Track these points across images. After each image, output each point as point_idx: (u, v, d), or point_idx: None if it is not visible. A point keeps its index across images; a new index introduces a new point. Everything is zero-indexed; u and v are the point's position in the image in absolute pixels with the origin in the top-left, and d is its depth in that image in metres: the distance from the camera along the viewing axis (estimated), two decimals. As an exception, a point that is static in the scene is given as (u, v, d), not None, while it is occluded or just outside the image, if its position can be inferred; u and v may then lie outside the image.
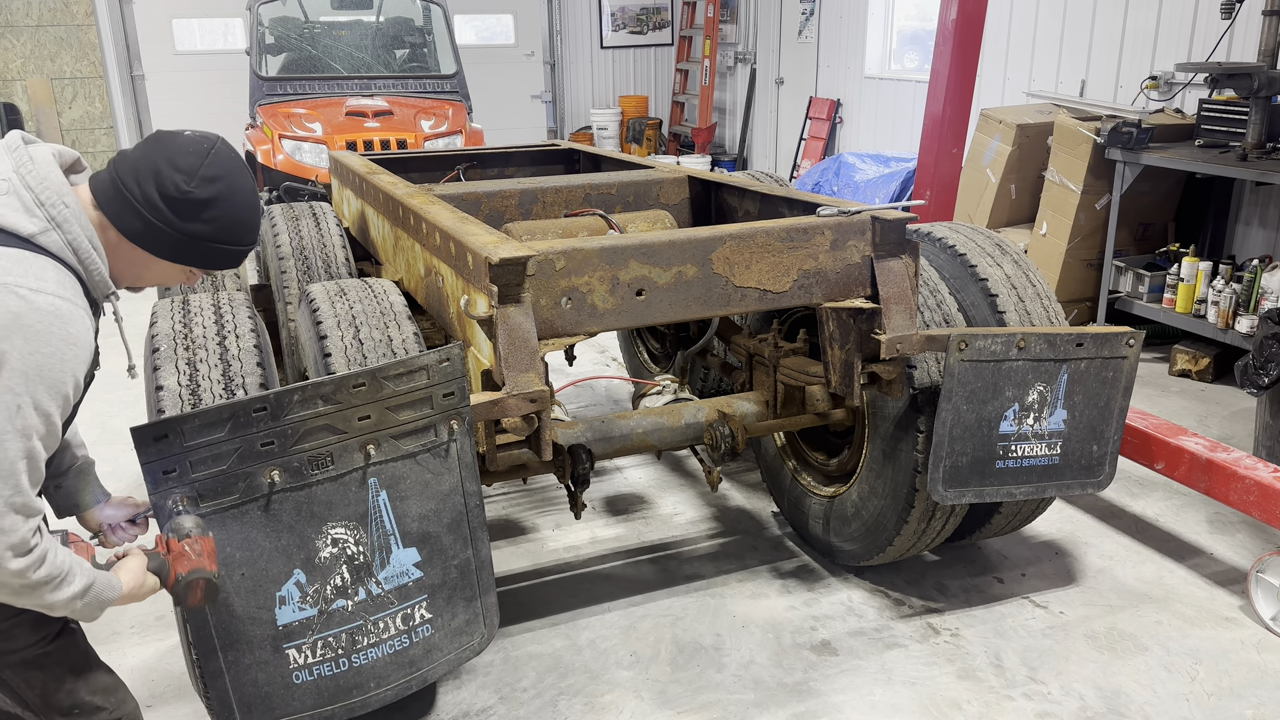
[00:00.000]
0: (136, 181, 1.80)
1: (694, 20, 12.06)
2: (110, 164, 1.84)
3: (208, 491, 2.20)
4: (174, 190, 1.81)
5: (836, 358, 2.95)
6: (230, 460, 2.20)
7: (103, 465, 4.59)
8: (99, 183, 1.83)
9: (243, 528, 2.25)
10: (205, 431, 2.16)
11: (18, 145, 1.79)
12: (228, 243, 1.91)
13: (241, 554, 2.27)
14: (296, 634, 2.36)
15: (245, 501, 2.24)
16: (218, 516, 2.22)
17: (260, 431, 2.20)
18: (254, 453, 2.22)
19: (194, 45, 10.62)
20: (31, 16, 10.13)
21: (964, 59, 5.38)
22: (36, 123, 10.30)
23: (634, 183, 3.85)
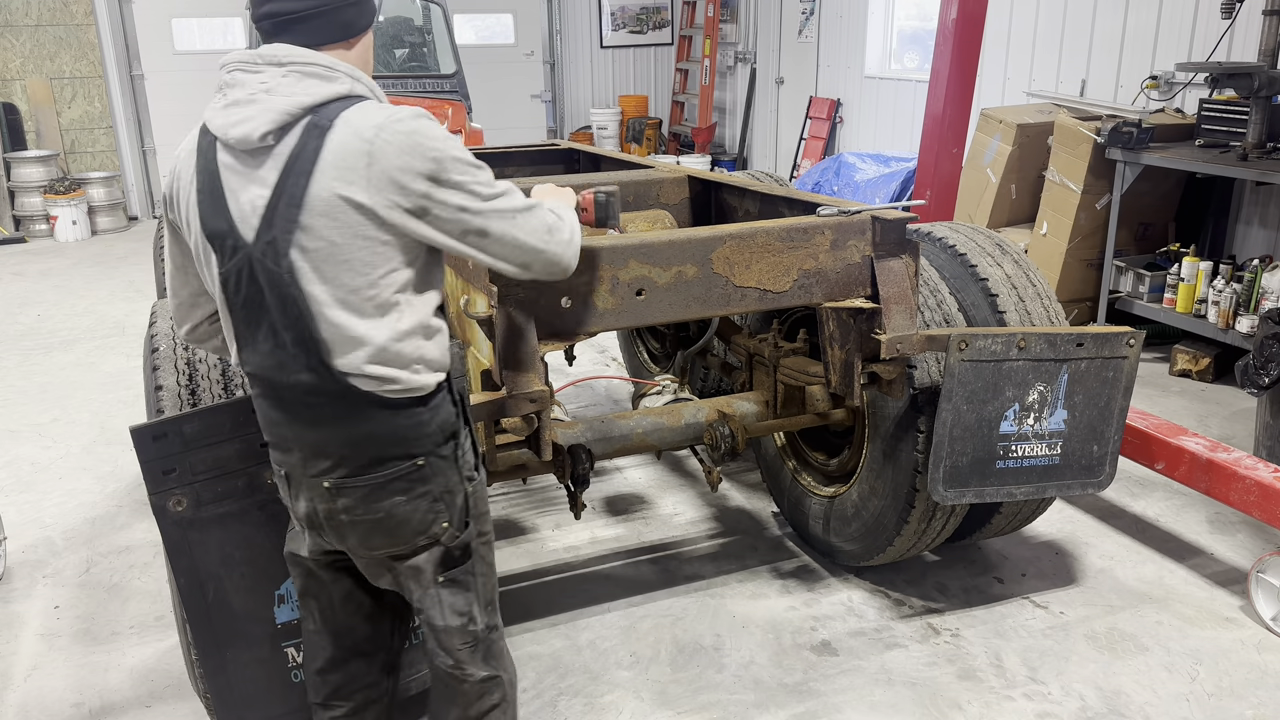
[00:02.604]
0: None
1: (694, 20, 12.06)
2: (265, 23, 1.89)
3: (208, 491, 2.20)
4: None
5: (836, 358, 2.95)
6: (230, 460, 2.20)
7: (102, 465, 4.63)
8: (299, 35, 1.88)
9: (243, 527, 2.25)
10: (205, 432, 2.16)
11: (256, 54, 1.87)
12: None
13: (241, 553, 2.27)
14: (295, 632, 2.36)
15: (245, 501, 2.24)
16: (217, 516, 2.22)
17: (260, 431, 2.20)
18: (253, 452, 2.22)
19: (193, 45, 10.61)
20: (31, 16, 10.12)
21: (964, 59, 5.38)
22: (36, 122, 10.30)
23: (634, 182, 3.84)
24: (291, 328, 1.84)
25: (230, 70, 1.87)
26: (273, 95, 1.81)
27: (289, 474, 1.98)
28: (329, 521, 1.97)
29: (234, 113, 1.83)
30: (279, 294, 1.83)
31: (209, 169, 1.86)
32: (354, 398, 1.88)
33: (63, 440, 4.94)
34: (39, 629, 3.37)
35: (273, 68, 1.83)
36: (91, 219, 9.96)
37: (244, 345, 1.92)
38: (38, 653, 3.24)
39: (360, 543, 1.99)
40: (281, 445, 1.97)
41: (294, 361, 1.86)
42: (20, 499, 4.31)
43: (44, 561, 3.80)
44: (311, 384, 1.87)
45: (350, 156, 1.78)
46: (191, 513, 2.18)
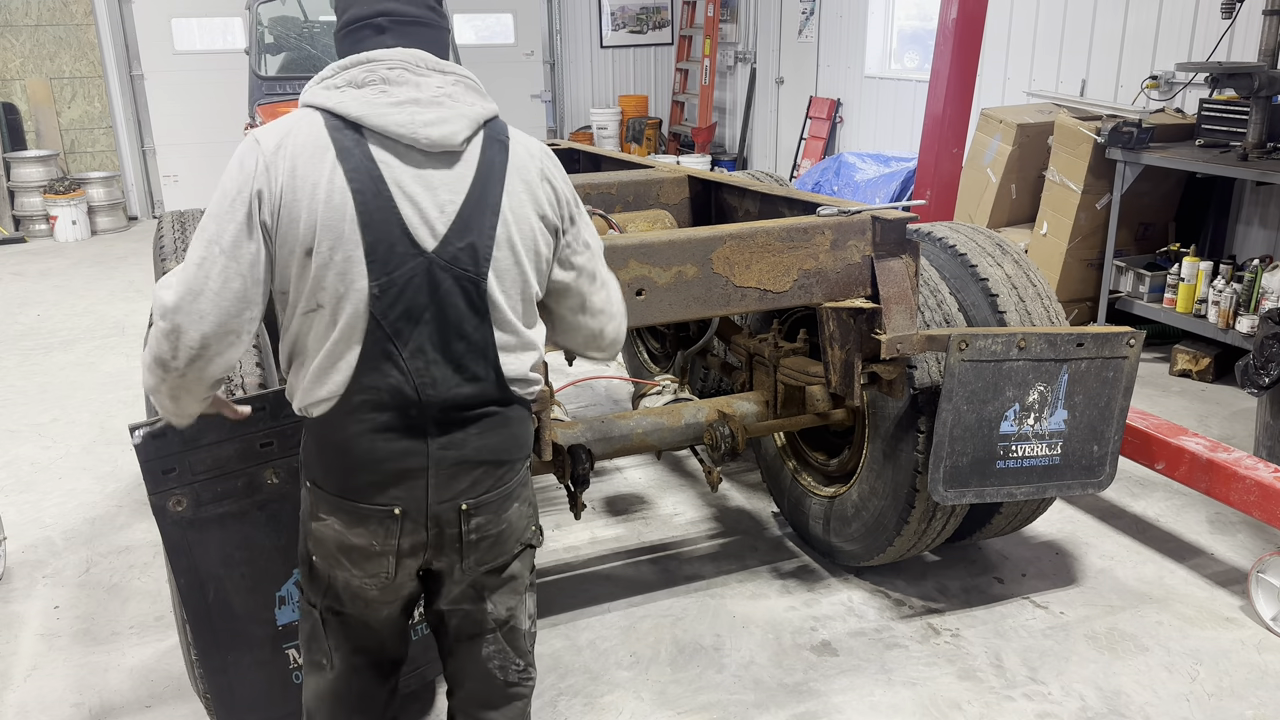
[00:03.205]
0: (429, 7, 1.89)
1: (694, 20, 12.05)
2: (385, 23, 1.83)
3: (207, 491, 2.20)
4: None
5: (837, 358, 2.94)
6: (230, 460, 2.20)
7: (102, 465, 4.62)
8: (416, 40, 1.84)
9: (242, 527, 2.25)
10: (204, 431, 2.16)
11: (414, 56, 1.81)
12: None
13: (241, 554, 2.26)
14: (296, 634, 2.36)
15: (245, 501, 2.24)
16: (217, 516, 2.22)
17: (259, 431, 2.20)
18: (253, 452, 2.21)
19: (193, 45, 10.61)
20: (30, 16, 10.12)
21: (964, 58, 5.37)
22: (35, 122, 10.30)
23: (634, 182, 3.84)
24: (466, 337, 1.79)
25: (391, 67, 1.77)
26: (457, 102, 1.78)
27: (405, 510, 1.83)
28: (451, 546, 1.89)
29: (424, 112, 1.75)
30: (463, 301, 1.77)
31: (364, 169, 1.72)
32: (510, 404, 1.88)
33: (63, 440, 4.94)
34: (39, 629, 3.37)
35: (437, 74, 1.80)
36: (91, 219, 9.96)
37: (370, 367, 1.76)
38: (37, 653, 3.24)
39: (479, 560, 1.93)
40: (399, 479, 1.82)
41: (457, 374, 1.80)
42: (20, 499, 4.31)
43: (44, 561, 3.80)
44: (472, 395, 1.82)
45: (530, 172, 1.85)
46: (191, 513, 2.18)
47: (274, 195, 1.72)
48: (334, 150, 1.72)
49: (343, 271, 1.72)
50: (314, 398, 1.80)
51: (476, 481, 1.86)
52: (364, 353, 1.76)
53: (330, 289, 1.73)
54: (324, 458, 1.85)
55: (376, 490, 1.82)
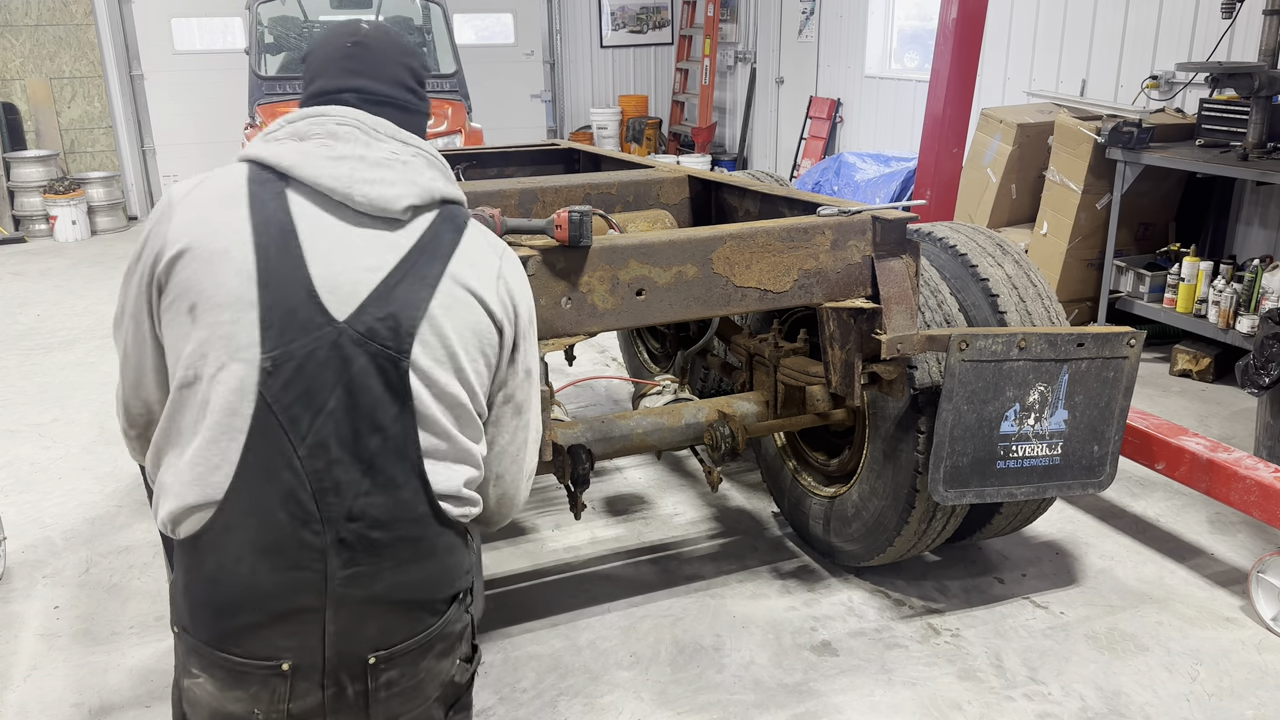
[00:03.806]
0: (408, 89, 1.70)
1: (694, 19, 12.05)
2: (354, 100, 1.64)
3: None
4: (425, 73, 1.77)
5: (837, 358, 2.94)
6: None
7: (102, 465, 4.62)
8: (391, 117, 1.65)
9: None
10: None
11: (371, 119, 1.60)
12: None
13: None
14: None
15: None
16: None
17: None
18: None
19: (193, 45, 10.61)
20: (30, 16, 10.12)
21: (964, 58, 5.37)
22: (35, 122, 10.30)
23: (634, 182, 3.84)
24: (381, 430, 1.47)
25: (341, 123, 1.57)
26: (410, 170, 1.57)
27: (296, 665, 1.48)
28: (354, 706, 1.53)
29: (367, 171, 1.53)
30: (379, 384, 1.47)
31: (275, 220, 1.48)
32: (436, 526, 1.54)
33: (62, 440, 4.93)
34: (39, 629, 3.37)
35: (397, 142, 1.59)
36: (91, 219, 9.96)
37: (255, 467, 1.44)
38: (37, 653, 3.24)
39: (390, 717, 1.57)
40: (287, 621, 1.47)
41: (368, 478, 1.47)
42: (20, 499, 4.31)
43: (44, 561, 3.80)
44: (388, 509, 1.49)
45: (484, 263, 1.60)
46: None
47: (167, 245, 1.49)
48: (247, 201, 1.49)
49: (228, 336, 1.43)
50: (181, 504, 1.46)
51: (389, 628, 1.52)
52: (247, 448, 1.43)
53: (212, 358, 1.44)
54: (191, 593, 1.49)
55: (257, 638, 1.46)
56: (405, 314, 1.49)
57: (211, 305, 1.45)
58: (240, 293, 1.44)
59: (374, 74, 1.66)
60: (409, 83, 1.70)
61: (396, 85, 1.68)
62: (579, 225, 2.55)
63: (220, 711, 1.51)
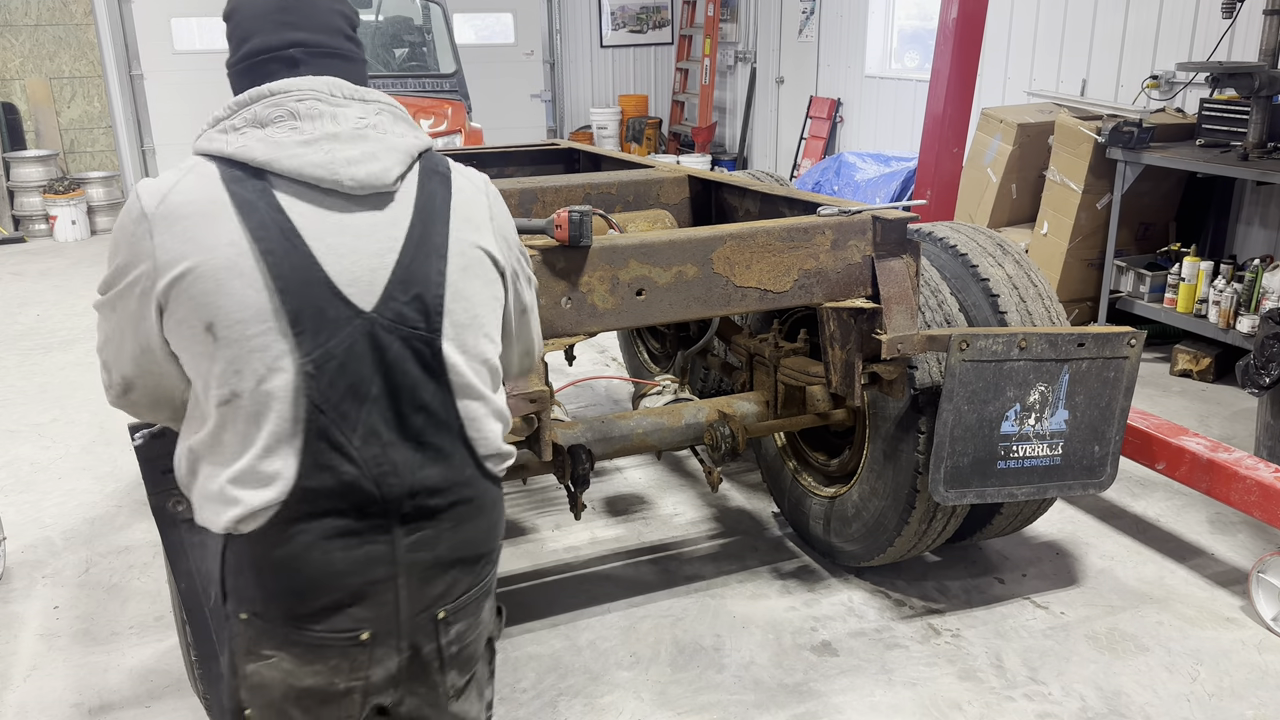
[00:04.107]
0: (345, 36, 1.64)
1: (694, 19, 12.05)
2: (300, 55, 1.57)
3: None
4: (358, 18, 1.70)
5: (837, 358, 2.94)
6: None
7: (102, 465, 4.62)
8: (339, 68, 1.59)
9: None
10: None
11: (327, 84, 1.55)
12: None
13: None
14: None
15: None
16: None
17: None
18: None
19: (193, 45, 10.61)
20: (30, 16, 10.12)
21: (965, 58, 5.37)
22: (35, 122, 10.30)
23: (634, 182, 3.84)
24: (424, 408, 1.51)
25: (301, 99, 1.50)
26: (383, 134, 1.53)
27: (375, 633, 1.54)
28: (431, 666, 1.61)
29: (344, 148, 1.48)
30: (416, 367, 1.50)
31: (273, 224, 1.44)
32: (484, 484, 1.61)
33: (62, 440, 4.93)
34: (38, 629, 3.36)
35: (357, 102, 1.54)
36: (91, 219, 9.95)
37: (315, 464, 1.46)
38: (37, 653, 3.23)
39: (458, 673, 1.66)
40: (364, 595, 1.52)
41: (419, 453, 1.52)
42: (20, 499, 4.31)
43: (43, 561, 3.79)
44: (441, 478, 1.55)
45: (475, 207, 1.61)
46: (190, 513, 2.18)
47: (159, 267, 1.44)
48: (232, 205, 1.44)
49: (261, 348, 1.43)
50: (242, 509, 1.47)
51: (454, 583, 1.60)
52: (305, 447, 1.46)
53: (249, 372, 1.44)
54: (264, 580, 1.52)
55: (337, 614, 1.51)
56: (429, 293, 1.51)
57: (232, 322, 1.43)
58: (260, 305, 1.43)
59: (312, 25, 1.59)
60: (346, 30, 1.64)
61: (336, 34, 1.62)
62: (579, 225, 2.55)
63: (296, 687, 1.54)
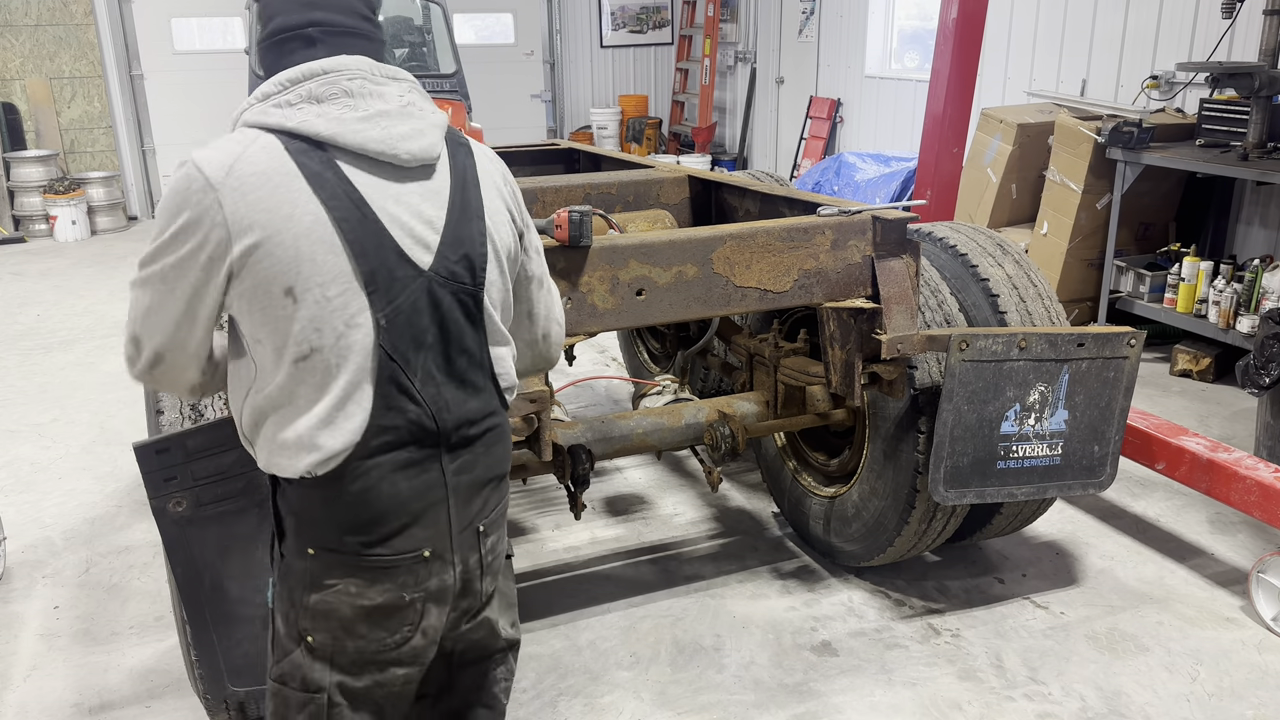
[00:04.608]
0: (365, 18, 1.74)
1: (694, 19, 12.05)
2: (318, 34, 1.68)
3: (208, 494, 2.21)
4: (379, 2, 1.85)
5: (837, 358, 2.94)
6: (231, 466, 2.21)
7: (102, 465, 4.62)
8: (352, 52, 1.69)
9: (239, 521, 2.27)
10: (208, 445, 2.19)
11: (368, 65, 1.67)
12: None
13: (237, 544, 2.29)
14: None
15: (243, 500, 2.25)
16: (216, 515, 2.23)
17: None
18: (253, 457, 2.22)
19: (193, 45, 10.61)
20: (30, 16, 10.12)
21: (965, 58, 5.38)
22: (35, 122, 10.30)
23: (634, 182, 3.84)
24: (466, 351, 1.72)
25: (351, 78, 1.63)
26: (421, 111, 1.69)
27: (433, 550, 1.72)
28: (474, 576, 1.81)
29: (396, 125, 1.64)
30: (462, 316, 1.70)
31: (343, 194, 1.59)
32: (503, 413, 1.83)
33: (62, 440, 4.93)
34: (39, 629, 3.37)
35: (393, 81, 1.69)
36: (91, 219, 9.96)
37: (385, 405, 1.63)
38: (37, 653, 3.24)
39: (492, 580, 1.87)
40: (423, 516, 1.71)
41: (462, 390, 1.72)
42: (20, 499, 4.31)
43: (44, 561, 3.80)
44: (478, 409, 1.75)
45: (494, 175, 1.81)
46: (190, 512, 2.19)
47: (233, 235, 1.55)
48: (303, 176, 1.57)
49: (341, 307, 1.58)
50: (322, 454, 1.62)
51: (488, 500, 1.81)
52: (377, 392, 1.63)
53: (329, 329, 1.58)
54: (337, 515, 1.67)
55: (403, 536, 1.70)
56: (474, 251, 1.71)
57: (313, 285, 1.57)
58: (339, 268, 1.58)
59: (330, 5, 1.70)
60: (364, 11, 1.75)
61: (355, 15, 1.72)
62: (579, 225, 2.55)
63: (365, 607, 1.71)
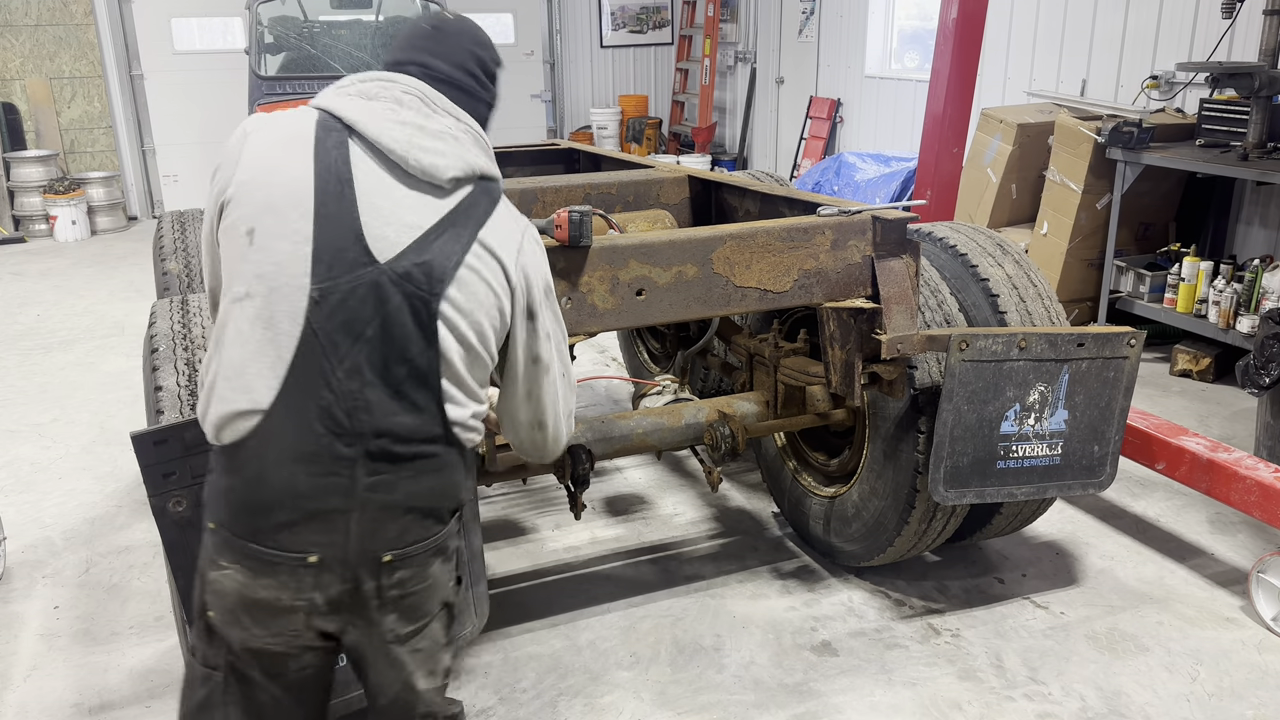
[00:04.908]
0: (471, 75, 1.86)
1: (694, 19, 12.05)
2: (418, 73, 1.82)
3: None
4: (494, 66, 1.92)
5: (837, 358, 2.94)
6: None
7: (102, 465, 4.62)
8: (452, 96, 1.83)
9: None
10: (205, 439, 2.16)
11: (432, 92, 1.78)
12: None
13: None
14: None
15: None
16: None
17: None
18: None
19: (193, 45, 10.61)
20: (30, 16, 10.12)
21: (965, 58, 5.38)
22: (35, 122, 10.30)
23: (634, 182, 3.84)
24: (409, 361, 1.67)
25: (407, 91, 1.76)
26: (460, 145, 1.76)
27: (323, 558, 1.67)
28: (369, 605, 1.72)
29: (423, 139, 1.71)
30: (411, 321, 1.66)
31: (335, 168, 1.68)
32: (450, 446, 1.75)
33: (62, 440, 4.93)
34: (39, 629, 3.37)
35: (451, 118, 1.77)
36: (91, 219, 9.96)
37: (298, 384, 1.63)
38: (37, 653, 3.24)
39: (399, 620, 1.77)
40: (318, 520, 1.66)
41: (396, 400, 1.66)
42: (20, 499, 4.31)
43: (44, 561, 3.80)
44: (410, 427, 1.68)
45: (509, 234, 1.79)
46: (190, 512, 2.18)
47: (235, 174, 1.70)
48: (313, 144, 1.69)
49: (282, 263, 1.63)
50: (229, 409, 1.64)
51: (405, 530, 1.71)
52: (293, 366, 1.63)
53: (267, 277, 1.63)
54: (232, 493, 1.68)
55: (290, 533, 1.65)
56: (439, 263, 1.68)
57: (271, 235, 1.64)
58: (298, 228, 1.63)
59: (440, 54, 1.84)
60: (472, 68, 1.86)
61: (458, 68, 1.85)
62: (579, 225, 2.55)
63: (249, 598, 1.69)
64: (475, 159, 1.77)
